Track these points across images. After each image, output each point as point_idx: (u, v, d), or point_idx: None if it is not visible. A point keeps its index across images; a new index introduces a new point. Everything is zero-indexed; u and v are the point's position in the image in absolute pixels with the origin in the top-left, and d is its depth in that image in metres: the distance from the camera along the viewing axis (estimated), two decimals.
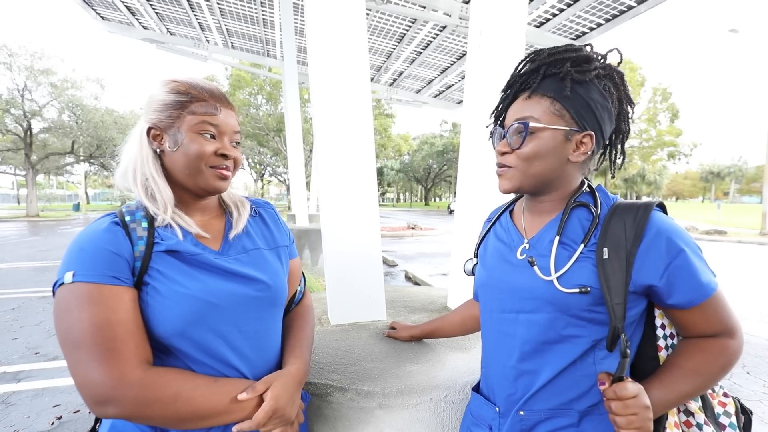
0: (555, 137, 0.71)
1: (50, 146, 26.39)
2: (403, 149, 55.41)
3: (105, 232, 0.69)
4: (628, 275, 0.65)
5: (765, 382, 3.12)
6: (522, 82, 0.75)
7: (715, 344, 0.67)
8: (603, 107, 0.71)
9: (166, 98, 0.76)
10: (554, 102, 0.71)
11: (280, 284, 0.85)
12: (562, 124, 0.71)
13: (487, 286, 0.84)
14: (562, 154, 0.72)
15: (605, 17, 5.49)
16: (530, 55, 0.76)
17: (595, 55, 0.73)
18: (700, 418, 0.70)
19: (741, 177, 68.15)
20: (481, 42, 1.65)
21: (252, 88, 31.77)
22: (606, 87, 0.71)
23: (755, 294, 6.09)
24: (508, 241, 0.83)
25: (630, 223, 0.67)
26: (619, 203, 0.72)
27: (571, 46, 0.73)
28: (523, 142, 0.72)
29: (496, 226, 0.91)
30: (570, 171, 0.75)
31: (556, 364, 0.72)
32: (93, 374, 0.61)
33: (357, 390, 1.01)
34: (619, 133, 0.78)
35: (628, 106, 0.76)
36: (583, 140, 0.72)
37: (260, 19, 8.02)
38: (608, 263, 0.66)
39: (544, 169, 0.73)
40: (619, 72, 0.74)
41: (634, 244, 0.66)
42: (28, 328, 4.21)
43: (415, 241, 13.29)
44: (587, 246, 0.70)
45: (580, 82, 0.70)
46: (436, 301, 1.95)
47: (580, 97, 0.70)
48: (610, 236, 0.68)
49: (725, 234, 14.91)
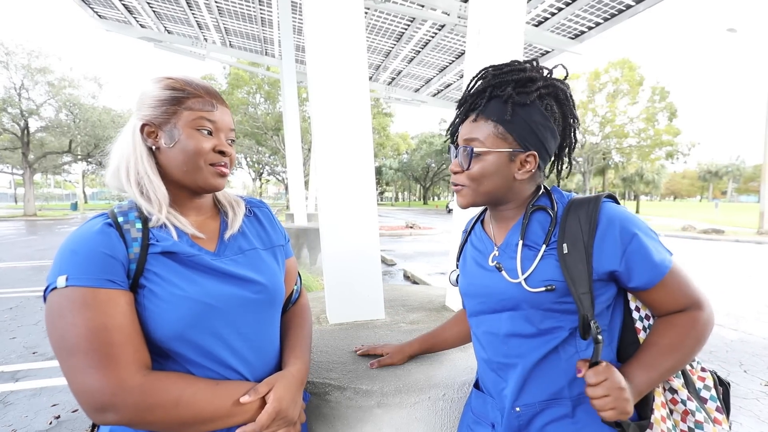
0: (499, 159, 0.76)
1: (47, 145, 26.25)
2: (402, 148, 55.34)
3: (98, 234, 0.67)
4: (589, 265, 0.70)
5: (762, 380, 3.14)
6: (471, 102, 0.79)
7: (684, 318, 0.71)
8: (545, 127, 0.75)
9: (161, 94, 0.74)
10: (497, 125, 0.75)
11: (278, 284, 0.84)
12: (505, 146, 0.75)
13: (469, 293, 0.89)
14: (508, 173, 0.77)
15: (604, 16, 5.49)
16: (479, 73, 0.80)
17: (539, 73, 0.77)
18: (683, 394, 0.74)
19: (739, 176, 68.35)
20: (479, 41, 1.65)
21: (250, 86, 31.68)
22: (548, 106, 0.75)
23: (752, 293, 6.12)
24: (482, 248, 0.88)
25: (584, 216, 0.72)
26: (573, 200, 0.78)
27: (516, 65, 0.77)
28: (470, 164, 0.77)
29: (471, 235, 0.96)
30: (518, 186, 0.79)
31: (540, 355, 0.75)
32: (91, 381, 0.59)
33: (355, 389, 1.01)
34: (565, 145, 0.83)
35: (573, 120, 0.80)
36: (527, 159, 0.76)
37: (258, 17, 8.00)
38: (568, 257, 0.71)
39: (492, 187, 0.78)
40: (562, 88, 0.77)
41: (590, 236, 0.71)
42: (25, 327, 4.20)
43: (413, 240, 13.30)
44: (549, 245, 0.75)
45: (521, 104, 0.74)
46: (434, 300, 1.95)
47: (522, 120, 0.74)
48: (568, 232, 0.73)
49: (723, 233, 14.96)
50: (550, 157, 0.80)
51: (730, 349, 3.76)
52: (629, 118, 32.30)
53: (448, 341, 1.12)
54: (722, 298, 5.69)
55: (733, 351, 3.72)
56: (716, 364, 3.40)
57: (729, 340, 4.03)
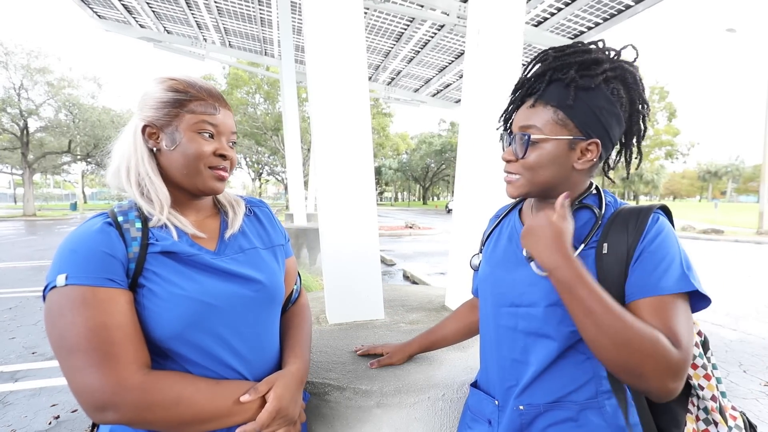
0: (558, 147, 0.71)
1: (47, 145, 26.22)
2: (402, 148, 55.39)
3: (98, 233, 0.67)
4: (626, 269, 0.66)
5: (761, 380, 3.14)
6: (529, 87, 0.75)
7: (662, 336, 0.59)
8: (610, 113, 0.69)
9: (164, 96, 0.74)
10: (557, 111, 0.70)
11: (278, 284, 0.84)
12: (566, 133, 0.70)
13: (489, 282, 0.86)
14: (567, 162, 0.72)
15: (603, 16, 5.50)
16: (539, 56, 0.75)
17: (605, 54, 0.71)
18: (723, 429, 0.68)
19: (738, 176, 68.39)
20: (479, 41, 1.65)
21: (250, 87, 31.67)
22: (614, 90, 0.69)
23: (752, 293, 6.13)
24: (516, 239, 0.84)
25: (632, 222, 0.68)
26: (623, 207, 0.73)
27: (580, 47, 0.72)
28: (526, 152, 0.72)
29: (503, 223, 0.92)
30: (576, 176, 0.75)
31: (553, 356, 0.73)
32: (91, 380, 0.59)
33: (355, 389, 1.01)
34: (633, 133, 0.76)
35: (642, 106, 0.73)
36: (588, 148, 0.71)
37: (258, 17, 8.00)
38: (606, 257, 0.68)
39: (548, 177, 0.73)
40: (631, 71, 0.71)
41: (635, 240, 0.67)
42: (25, 327, 4.19)
43: (413, 240, 13.30)
44: (588, 245, 0.72)
45: (585, 88, 0.68)
46: (434, 300, 1.95)
47: (585, 105, 0.69)
48: (612, 234, 0.69)
49: (722, 233, 14.97)
50: (613, 146, 0.75)
51: (729, 350, 3.77)
52: None
53: (447, 338, 1.11)
54: (722, 298, 5.70)
55: (733, 351, 3.73)
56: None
57: (728, 340, 4.03)
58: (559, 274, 0.64)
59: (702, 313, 4.96)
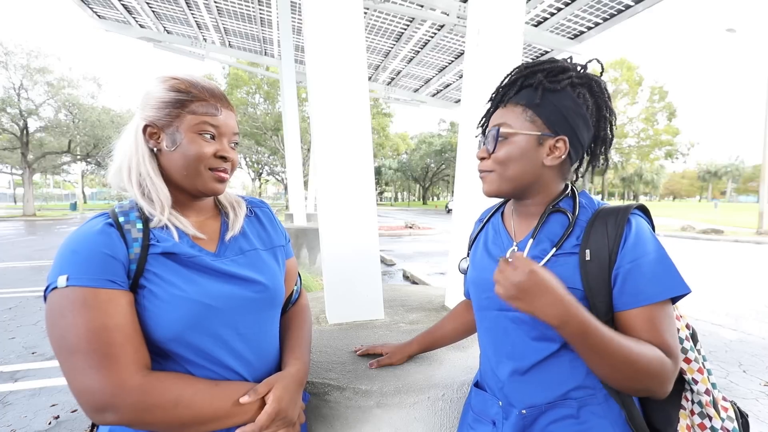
0: (527, 141, 0.74)
1: (47, 145, 26.20)
2: (401, 148, 55.44)
3: (99, 233, 0.67)
4: (609, 274, 0.68)
5: (761, 380, 3.14)
6: (502, 94, 0.80)
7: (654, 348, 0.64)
8: (576, 113, 0.73)
9: (165, 96, 0.73)
10: (526, 109, 0.74)
11: (278, 285, 0.84)
12: (534, 129, 0.74)
13: (477, 285, 0.87)
14: (536, 157, 0.75)
15: (603, 16, 5.50)
16: (513, 70, 0.80)
17: (572, 66, 0.76)
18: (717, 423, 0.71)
19: (738, 176, 68.49)
20: (478, 41, 1.65)
21: (250, 87, 31.70)
22: (580, 94, 0.74)
23: (752, 293, 6.13)
24: (498, 242, 0.86)
25: (611, 225, 0.70)
26: (601, 208, 0.75)
27: (550, 59, 0.77)
28: (496, 146, 0.76)
29: (487, 226, 0.93)
30: (547, 175, 0.77)
31: (543, 357, 0.75)
32: (90, 381, 0.59)
33: (355, 389, 1.01)
34: (600, 140, 0.80)
35: (608, 114, 0.77)
36: (556, 144, 0.74)
37: (258, 17, 7.99)
38: (590, 264, 0.69)
39: (519, 172, 0.76)
40: (597, 80, 0.75)
41: (615, 244, 0.68)
42: (25, 327, 4.19)
43: (413, 240, 13.30)
44: (561, 248, 0.73)
45: (552, 90, 0.73)
46: (433, 300, 1.95)
47: (551, 104, 0.73)
48: (593, 239, 0.71)
49: (722, 233, 14.97)
50: (582, 147, 0.77)
51: (729, 349, 3.76)
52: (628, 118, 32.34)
53: (447, 337, 1.12)
54: (722, 298, 5.70)
55: (732, 351, 3.73)
56: (715, 364, 3.40)
57: (728, 340, 4.03)
58: (569, 329, 0.62)
59: (702, 313, 4.97)
